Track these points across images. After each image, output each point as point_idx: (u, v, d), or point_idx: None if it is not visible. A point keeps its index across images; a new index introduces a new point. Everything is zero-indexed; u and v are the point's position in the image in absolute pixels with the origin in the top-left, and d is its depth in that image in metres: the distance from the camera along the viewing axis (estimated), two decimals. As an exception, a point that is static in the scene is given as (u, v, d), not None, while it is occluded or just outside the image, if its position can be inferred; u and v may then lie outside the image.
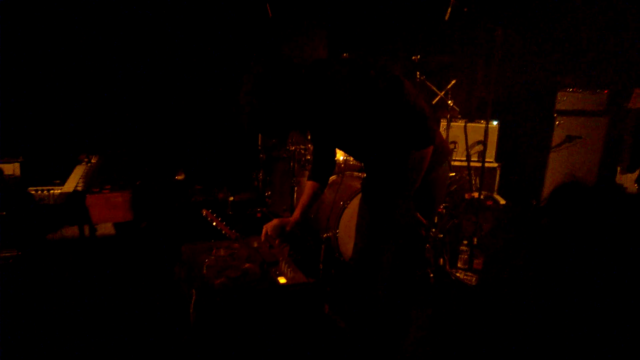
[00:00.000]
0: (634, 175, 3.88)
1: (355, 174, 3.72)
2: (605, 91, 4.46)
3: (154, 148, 4.41)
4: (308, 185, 2.19)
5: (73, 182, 2.48)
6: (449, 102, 4.05)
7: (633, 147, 3.81)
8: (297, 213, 2.15)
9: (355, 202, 3.32)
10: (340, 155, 3.57)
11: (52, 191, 2.32)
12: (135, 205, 2.43)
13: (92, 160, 3.01)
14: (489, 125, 4.55)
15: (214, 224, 2.13)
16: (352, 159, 3.57)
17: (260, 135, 3.82)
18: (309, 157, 3.54)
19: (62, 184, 2.46)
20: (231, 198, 4.51)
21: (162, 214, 3.72)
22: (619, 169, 3.92)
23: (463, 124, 4.50)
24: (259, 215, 4.03)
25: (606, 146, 4.46)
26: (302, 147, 3.52)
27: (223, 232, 2.15)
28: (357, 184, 3.42)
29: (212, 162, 4.75)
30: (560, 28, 4.83)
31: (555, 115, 4.52)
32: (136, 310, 2.51)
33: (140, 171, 3.71)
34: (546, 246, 3.56)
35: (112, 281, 2.73)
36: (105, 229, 2.93)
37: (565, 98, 4.51)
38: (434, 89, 4.05)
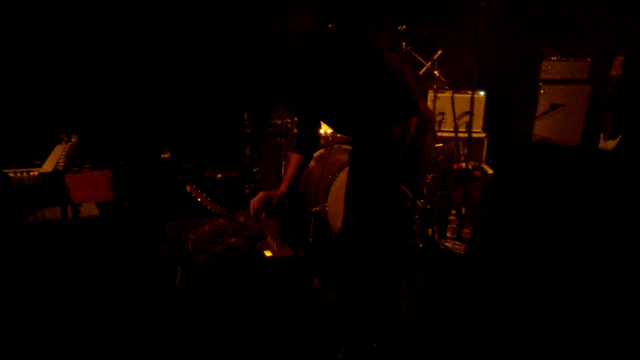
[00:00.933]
0: (616, 142, 3.91)
1: (343, 147, 3.70)
2: (588, 59, 4.46)
3: (137, 126, 4.33)
4: (293, 158, 2.18)
5: (52, 162, 2.42)
6: (435, 72, 4.01)
7: (614, 115, 3.83)
8: (283, 186, 2.14)
9: (343, 175, 3.30)
10: (327, 129, 3.54)
11: (31, 173, 2.27)
12: (118, 185, 2.38)
13: (73, 140, 2.94)
14: (476, 96, 4.56)
15: (199, 199, 2.10)
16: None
17: (246, 113, 3.77)
18: (295, 131, 3.50)
19: (42, 165, 2.40)
20: (219, 175, 4.46)
21: (146, 192, 3.67)
22: (601, 135, 3.95)
23: (450, 95, 4.48)
24: (247, 191, 4.00)
25: (589, 113, 4.49)
26: (288, 120, 3.47)
27: (208, 207, 2.13)
28: (345, 157, 3.40)
29: (199, 139, 4.69)
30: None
31: (540, 84, 4.52)
32: (121, 290, 2.49)
33: (123, 150, 3.65)
34: (530, 213, 3.59)
35: (95, 262, 2.70)
36: (89, 210, 2.88)
37: (549, 67, 4.51)
38: (420, 59, 4.01)
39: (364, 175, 2.10)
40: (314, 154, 3.69)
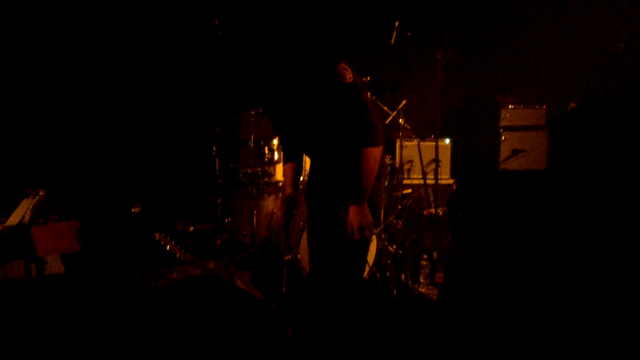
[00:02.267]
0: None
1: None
2: (544, 107, 4.74)
3: (106, 180, 4.29)
4: (288, 167, 2.25)
5: (18, 216, 2.38)
6: (401, 121, 4.17)
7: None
8: (288, 190, 2.21)
9: (314, 222, 3.33)
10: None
11: (-5, 226, 2.22)
12: (86, 237, 2.34)
13: (40, 193, 2.90)
14: (442, 144, 4.73)
15: (168, 247, 2.08)
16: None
17: (217, 159, 3.81)
18: (266, 180, 3.54)
19: (7, 219, 2.36)
20: (191, 228, 4.42)
21: (115, 244, 3.60)
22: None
23: (417, 143, 4.64)
24: (219, 242, 3.97)
25: (549, 157, 4.70)
26: (259, 169, 3.52)
27: (177, 255, 2.11)
28: (316, 205, 3.44)
29: (170, 191, 4.66)
30: (498, 49, 5.13)
31: (501, 130, 4.74)
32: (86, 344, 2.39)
33: (91, 203, 3.60)
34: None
35: (59, 317, 2.60)
36: (54, 266, 2.79)
37: (508, 115, 4.75)
38: (386, 109, 4.17)
39: (321, 207, 2.10)
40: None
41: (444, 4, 5.07)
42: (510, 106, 4.75)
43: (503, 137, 4.73)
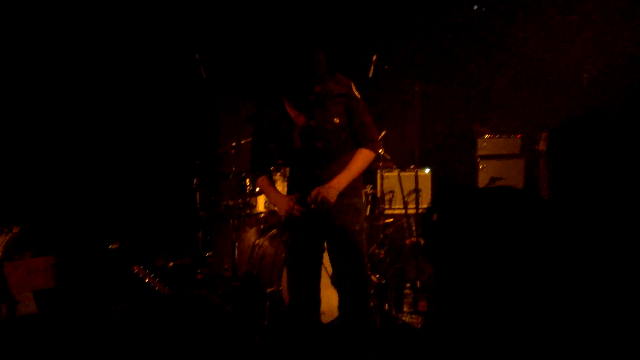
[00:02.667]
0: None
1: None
2: (518, 136, 4.87)
3: (83, 215, 4.21)
4: (265, 179, 2.45)
5: (-9, 252, 2.31)
6: (380, 151, 4.23)
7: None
8: (280, 194, 2.42)
9: (296, 253, 3.30)
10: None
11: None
12: (61, 273, 2.28)
13: (14, 230, 2.84)
14: (422, 174, 4.80)
15: (147, 280, 2.04)
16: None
17: (198, 192, 3.79)
18: (248, 212, 3.53)
19: (-22, 255, 2.29)
20: (171, 264, 4.33)
21: (91, 281, 3.50)
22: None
23: (397, 174, 4.70)
24: (199, 277, 3.90)
25: (526, 185, 4.80)
26: (240, 201, 3.51)
27: (156, 288, 2.07)
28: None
29: (150, 226, 4.59)
30: (474, 81, 5.30)
31: (478, 159, 4.85)
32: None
33: (68, 239, 3.52)
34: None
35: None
36: (27, 306, 2.70)
37: (485, 144, 4.87)
38: (366, 140, 4.23)
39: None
40: (267, 235, 3.70)
41: (420, 37, 5.26)
42: (486, 136, 4.88)
43: (481, 166, 4.83)
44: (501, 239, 1.00)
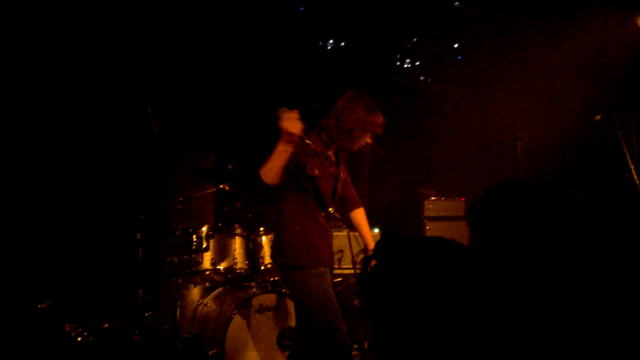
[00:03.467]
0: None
1: (244, 283, 3.64)
2: (462, 199, 5.09)
3: (11, 271, 3.90)
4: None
5: None
6: (330, 210, 4.26)
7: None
8: None
9: (242, 312, 3.21)
10: (226, 264, 3.47)
11: None
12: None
13: None
14: (371, 234, 4.86)
15: (79, 339, 1.90)
16: (238, 267, 3.50)
17: (141, 248, 3.63)
18: (193, 269, 3.40)
19: None
20: (106, 325, 4.05)
21: (19, 342, 3.20)
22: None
23: (347, 234, 4.73)
24: (136, 338, 3.64)
25: (471, 245, 4.96)
26: (186, 257, 3.39)
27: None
28: (244, 294, 3.33)
29: (86, 284, 4.30)
30: (421, 146, 5.58)
31: (425, 221, 4.99)
32: None
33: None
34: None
35: None
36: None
37: (431, 206, 5.04)
38: (316, 199, 4.27)
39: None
40: (211, 294, 3.57)
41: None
42: (432, 198, 5.06)
43: (427, 227, 4.97)
44: (438, 289, 1.01)
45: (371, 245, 2.83)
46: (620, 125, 3.23)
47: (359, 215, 2.86)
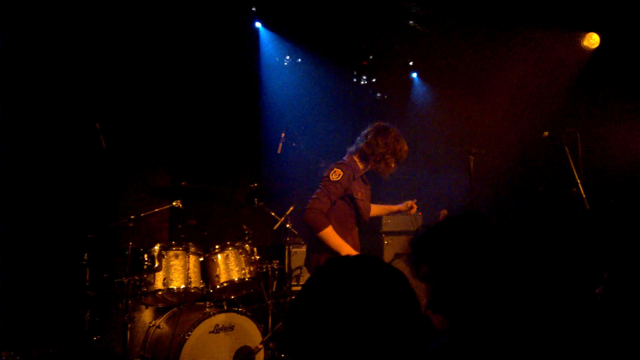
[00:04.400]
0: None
1: (198, 303, 3.52)
2: (420, 213, 5.14)
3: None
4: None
5: None
6: (288, 225, 4.21)
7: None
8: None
9: (197, 333, 3.09)
10: (179, 284, 3.33)
11: None
12: None
13: None
14: (329, 249, 4.83)
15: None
16: (192, 286, 3.37)
17: (88, 269, 3.43)
18: (144, 289, 3.25)
19: None
20: (50, 350, 3.80)
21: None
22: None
23: (305, 249, 4.68)
24: (82, 366, 3.43)
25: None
26: (136, 278, 3.24)
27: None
28: (199, 314, 3.21)
29: (27, 307, 4.03)
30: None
31: (383, 235, 5.01)
32: None
33: None
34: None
35: None
36: None
37: (389, 221, 5.07)
38: (274, 214, 4.22)
39: None
40: (164, 315, 3.43)
41: (316, 118, 5.60)
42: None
43: (386, 242, 4.99)
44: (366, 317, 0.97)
45: (394, 207, 3.65)
46: (567, 141, 3.38)
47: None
